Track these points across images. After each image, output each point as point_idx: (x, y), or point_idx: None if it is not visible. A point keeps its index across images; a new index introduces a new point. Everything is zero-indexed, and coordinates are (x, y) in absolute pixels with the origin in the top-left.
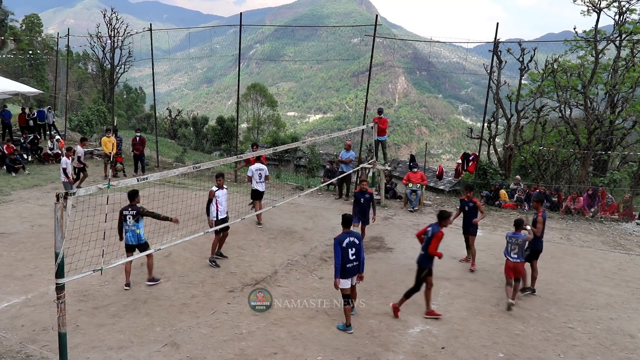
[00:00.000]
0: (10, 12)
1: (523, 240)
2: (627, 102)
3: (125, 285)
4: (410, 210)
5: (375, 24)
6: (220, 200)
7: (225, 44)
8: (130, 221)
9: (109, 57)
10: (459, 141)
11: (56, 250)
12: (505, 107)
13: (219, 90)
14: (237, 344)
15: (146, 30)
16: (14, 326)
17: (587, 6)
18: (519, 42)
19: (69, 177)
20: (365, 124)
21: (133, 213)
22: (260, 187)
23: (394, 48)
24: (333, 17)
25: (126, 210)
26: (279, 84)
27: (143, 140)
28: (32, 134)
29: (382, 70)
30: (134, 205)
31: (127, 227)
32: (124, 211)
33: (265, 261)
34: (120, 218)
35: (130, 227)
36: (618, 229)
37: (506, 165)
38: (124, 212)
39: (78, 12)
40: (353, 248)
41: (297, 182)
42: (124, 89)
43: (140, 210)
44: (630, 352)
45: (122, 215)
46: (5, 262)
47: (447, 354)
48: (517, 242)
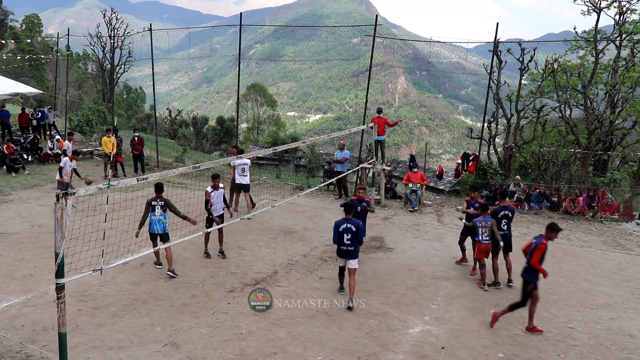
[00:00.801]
0: (10, 12)
1: (491, 224)
2: (627, 102)
3: (155, 264)
4: (410, 210)
5: (375, 24)
6: (214, 201)
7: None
8: (158, 211)
9: (109, 57)
10: (459, 141)
11: (56, 250)
12: (505, 107)
13: (219, 90)
14: (237, 344)
15: (146, 30)
16: (14, 326)
17: (587, 6)
18: (519, 42)
19: (62, 176)
20: (365, 124)
21: (161, 204)
22: (244, 180)
23: (394, 48)
24: (333, 17)
25: (154, 200)
26: (279, 84)
27: (142, 140)
28: (33, 134)
29: (382, 70)
30: (161, 197)
31: (155, 217)
32: (153, 202)
33: (265, 261)
34: (147, 208)
35: (157, 217)
36: (618, 229)
37: (506, 165)
38: (152, 202)
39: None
40: (349, 234)
41: (297, 182)
42: (124, 89)
43: (168, 202)
44: (630, 352)
45: (149, 205)
46: (5, 262)
47: (447, 354)
48: (486, 225)
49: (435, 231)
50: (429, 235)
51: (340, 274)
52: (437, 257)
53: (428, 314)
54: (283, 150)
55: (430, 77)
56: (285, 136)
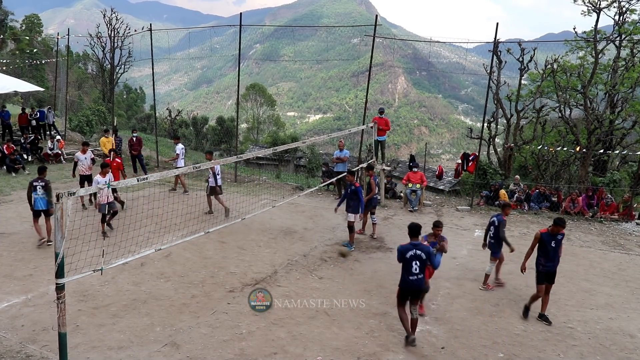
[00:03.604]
0: (10, 12)
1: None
2: (626, 102)
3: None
4: (410, 210)
5: (375, 24)
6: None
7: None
8: (40, 191)
9: (109, 57)
10: (458, 141)
11: (56, 250)
12: (505, 107)
13: (219, 90)
14: (237, 344)
15: (146, 31)
16: (14, 326)
17: (587, 6)
18: (519, 42)
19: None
20: (365, 124)
21: (42, 184)
22: (219, 182)
23: (393, 48)
24: (333, 17)
25: (36, 182)
26: (278, 84)
27: (140, 141)
28: (33, 134)
29: (382, 70)
30: (42, 178)
31: (37, 195)
32: (34, 182)
33: (265, 261)
34: (30, 188)
35: (40, 195)
36: (618, 229)
37: (506, 165)
38: (34, 183)
39: (78, 12)
40: (417, 261)
41: (297, 182)
42: (123, 89)
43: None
44: (630, 352)
45: (32, 186)
46: (5, 262)
47: (447, 354)
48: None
49: None
50: None
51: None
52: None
53: (428, 314)
54: (283, 150)
55: (430, 77)
56: (285, 136)
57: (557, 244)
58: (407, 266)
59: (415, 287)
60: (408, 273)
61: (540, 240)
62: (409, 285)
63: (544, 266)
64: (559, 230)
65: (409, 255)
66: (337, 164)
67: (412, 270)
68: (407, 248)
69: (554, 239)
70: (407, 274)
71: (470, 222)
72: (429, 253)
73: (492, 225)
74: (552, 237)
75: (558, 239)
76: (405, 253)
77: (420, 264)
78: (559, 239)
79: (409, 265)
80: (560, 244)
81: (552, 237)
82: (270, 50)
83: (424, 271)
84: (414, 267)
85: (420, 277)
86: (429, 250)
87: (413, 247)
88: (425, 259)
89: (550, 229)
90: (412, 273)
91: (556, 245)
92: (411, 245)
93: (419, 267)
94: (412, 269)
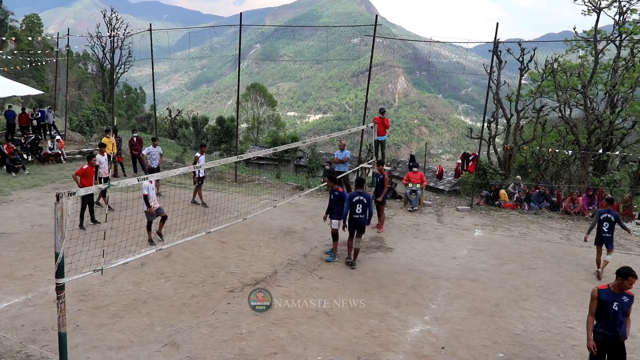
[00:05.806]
0: (10, 12)
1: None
2: (626, 102)
3: None
4: (410, 210)
5: (375, 24)
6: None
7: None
8: None
9: (109, 57)
10: (458, 141)
11: (56, 250)
12: (505, 107)
13: (219, 90)
14: (237, 344)
15: (146, 30)
16: (14, 326)
17: (587, 6)
18: (519, 42)
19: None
20: (365, 124)
21: None
22: (202, 174)
23: (393, 48)
24: (333, 17)
25: None
26: (278, 84)
27: (141, 141)
28: (34, 134)
29: (382, 70)
30: None
31: None
32: None
33: (265, 261)
34: None
35: None
36: (618, 228)
37: (506, 165)
38: None
39: (78, 12)
40: (360, 205)
41: (297, 182)
42: (123, 89)
43: None
44: (630, 352)
45: None
46: (5, 262)
47: (447, 354)
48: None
49: (435, 231)
50: (429, 235)
51: (334, 239)
52: (437, 257)
53: (428, 313)
54: (283, 150)
55: (430, 77)
56: (285, 136)
57: (622, 306)
58: (353, 208)
59: (358, 223)
60: (353, 212)
61: (598, 300)
62: (354, 221)
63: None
64: (624, 286)
65: (355, 199)
66: (337, 165)
67: (356, 210)
68: (354, 195)
69: (616, 300)
70: (352, 214)
71: (470, 222)
72: (369, 199)
73: (605, 222)
74: (615, 296)
75: (624, 301)
76: (352, 198)
77: (362, 207)
78: (625, 301)
79: (354, 207)
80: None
81: (615, 296)
82: (270, 50)
83: (365, 212)
84: (357, 208)
85: (362, 217)
86: (369, 197)
87: (358, 194)
88: (367, 203)
89: (612, 285)
90: (357, 213)
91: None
92: (357, 192)
93: (361, 209)
94: (356, 209)
